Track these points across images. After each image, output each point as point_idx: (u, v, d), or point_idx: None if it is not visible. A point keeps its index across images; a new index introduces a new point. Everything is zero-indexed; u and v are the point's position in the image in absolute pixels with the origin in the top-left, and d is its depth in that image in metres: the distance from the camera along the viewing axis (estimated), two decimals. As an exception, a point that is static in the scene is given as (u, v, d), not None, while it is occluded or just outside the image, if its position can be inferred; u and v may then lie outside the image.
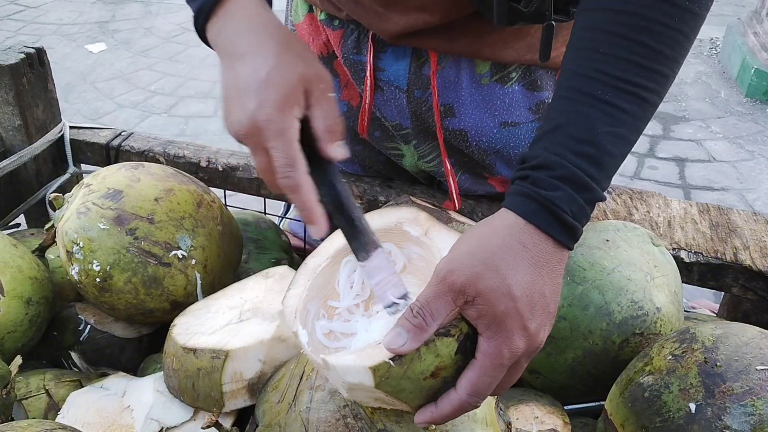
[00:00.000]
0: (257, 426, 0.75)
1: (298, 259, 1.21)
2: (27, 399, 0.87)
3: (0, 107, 1.21)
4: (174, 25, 4.77)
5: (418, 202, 0.99)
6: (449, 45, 0.91)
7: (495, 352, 0.56)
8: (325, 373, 0.63)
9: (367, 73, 0.97)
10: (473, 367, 0.57)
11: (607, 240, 0.87)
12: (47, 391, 0.88)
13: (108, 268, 0.89)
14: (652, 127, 3.47)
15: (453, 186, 1.03)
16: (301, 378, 0.73)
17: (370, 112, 1.01)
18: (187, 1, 0.71)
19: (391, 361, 0.56)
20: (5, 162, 1.18)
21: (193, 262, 0.93)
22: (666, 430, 0.68)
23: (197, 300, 0.93)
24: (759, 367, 0.66)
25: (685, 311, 0.96)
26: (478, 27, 0.89)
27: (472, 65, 0.94)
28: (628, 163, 3.14)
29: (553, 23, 0.78)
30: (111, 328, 1.00)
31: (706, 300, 1.49)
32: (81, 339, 0.99)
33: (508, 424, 0.73)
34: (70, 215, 0.91)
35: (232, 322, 0.83)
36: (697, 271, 1.00)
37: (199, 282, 0.94)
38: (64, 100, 3.45)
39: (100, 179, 0.94)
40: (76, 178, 1.30)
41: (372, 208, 1.13)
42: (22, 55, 1.19)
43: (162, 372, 0.86)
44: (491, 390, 0.58)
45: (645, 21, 0.58)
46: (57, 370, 0.94)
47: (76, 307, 1.02)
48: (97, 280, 0.89)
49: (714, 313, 1.22)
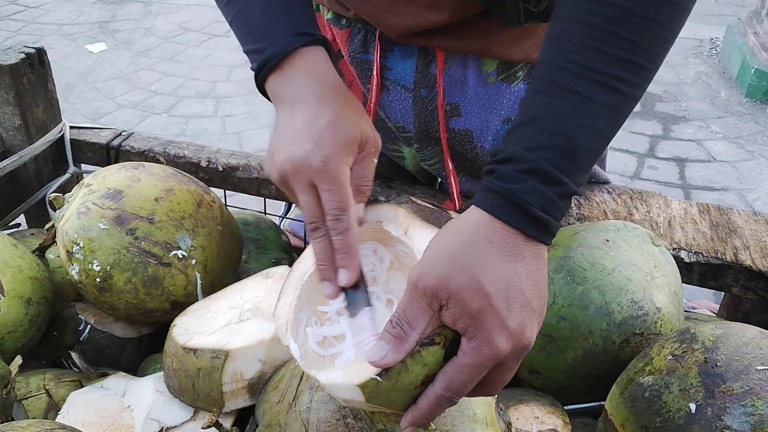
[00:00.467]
0: (257, 426, 0.75)
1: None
2: (27, 399, 0.87)
3: (0, 107, 1.21)
4: (174, 25, 4.77)
5: (418, 202, 0.99)
6: (457, 43, 0.91)
7: (474, 352, 0.54)
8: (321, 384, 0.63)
9: (374, 72, 0.97)
10: (452, 363, 0.56)
11: (607, 240, 0.87)
12: (47, 391, 0.88)
13: (108, 268, 0.89)
14: (652, 127, 3.47)
15: (455, 187, 1.03)
16: (301, 378, 0.73)
17: (376, 111, 1.01)
18: (247, 51, 0.73)
19: (378, 377, 0.55)
20: (5, 162, 1.18)
21: (193, 262, 0.93)
22: (666, 430, 0.68)
23: (197, 300, 0.93)
24: (759, 367, 0.66)
25: (685, 311, 0.96)
26: (486, 26, 0.89)
27: (479, 64, 0.94)
28: (628, 163, 3.14)
29: None
30: (111, 328, 1.00)
31: (706, 300, 1.49)
32: (81, 339, 0.99)
33: (508, 424, 0.73)
34: (70, 215, 0.91)
35: (232, 322, 0.83)
36: (697, 271, 1.00)
37: (199, 282, 0.94)
38: (64, 100, 3.45)
39: (100, 179, 0.94)
40: (76, 178, 1.30)
41: (372, 208, 1.12)
42: (23, 55, 1.19)
43: (162, 372, 0.86)
44: (469, 388, 0.56)
45: (620, 11, 0.56)
46: (57, 370, 0.94)
47: (76, 307, 1.02)
48: (97, 280, 0.89)
49: (714, 313, 1.22)
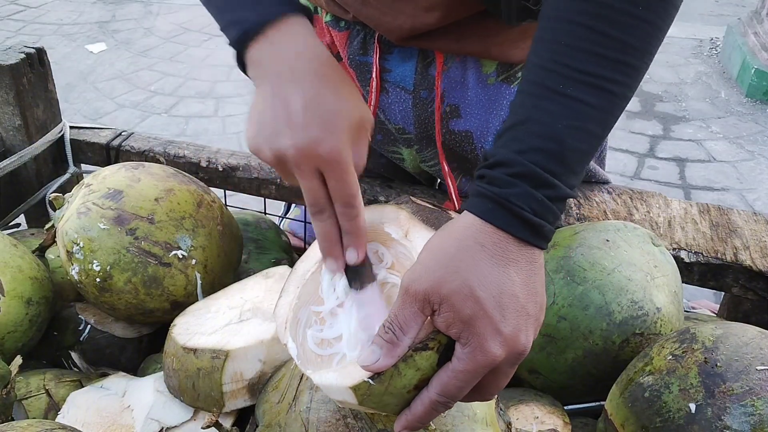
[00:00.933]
0: (257, 426, 0.75)
1: (297, 259, 1.21)
2: (27, 399, 0.87)
3: (0, 107, 1.21)
4: (174, 25, 4.77)
5: (418, 202, 0.99)
6: (457, 45, 0.91)
7: (468, 358, 0.54)
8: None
9: (373, 74, 0.97)
10: (446, 368, 0.56)
11: (607, 240, 0.87)
12: (47, 391, 0.88)
13: (108, 268, 0.89)
14: (652, 127, 3.47)
15: (452, 188, 1.03)
16: (301, 378, 0.73)
17: (375, 114, 1.01)
18: (226, 23, 0.68)
19: (370, 380, 0.55)
20: (5, 162, 1.18)
21: (193, 262, 0.93)
22: (666, 430, 0.68)
23: (197, 300, 0.93)
24: (759, 367, 0.66)
25: (685, 311, 0.96)
26: (485, 27, 0.89)
27: (479, 65, 0.94)
28: (628, 163, 3.14)
29: None
30: (111, 328, 1.00)
31: (706, 300, 1.49)
32: (81, 339, 0.99)
33: (508, 424, 0.73)
34: (70, 215, 0.91)
35: (232, 322, 0.83)
36: (697, 271, 1.00)
37: (199, 282, 0.94)
38: (64, 100, 3.45)
39: (100, 179, 0.94)
40: (77, 178, 1.30)
41: (372, 208, 1.12)
42: (23, 55, 1.19)
43: (162, 372, 0.86)
44: (463, 393, 0.56)
45: (608, 11, 0.55)
46: (57, 370, 0.94)
47: (76, 307, 1.02)
48: (97, 280, 0.89)
49: (714, 313, 1.22)
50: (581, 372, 0.83)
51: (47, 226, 1.02)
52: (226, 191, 1.24)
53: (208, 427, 0.70)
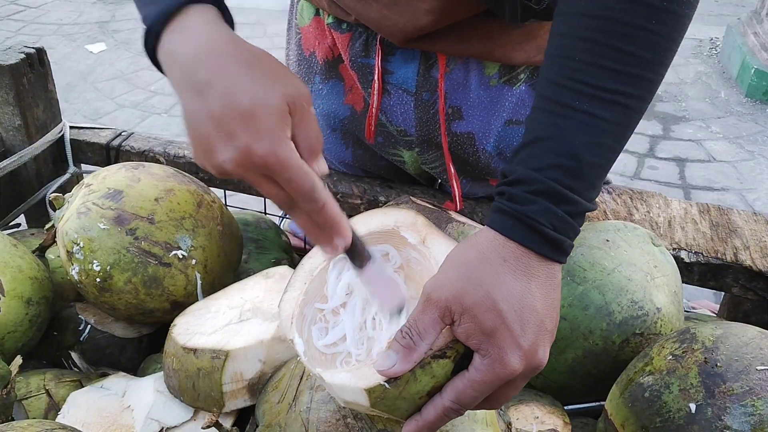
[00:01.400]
0: (257, 426, 0.75)
1: (298, 259, 1.21)
2: (27, 399, 0.87)
3: (0, 107, 1.21)
4: (174, 25, 4.77)
5: (419, 202, 0.99)
6: (459, 47, 0.91)
7: (486, 369, 0.55)
8: (321, 383, 0.63)
9: (375, 77, 0.96)
10: (462, 376, 0.56)
11: (607, 240, 0.87)
12: (47, 391, 0.88)
13: (108, 268, 0.89)
14: (652, 127, 3.47)
15: (457, 191, 1.03)
16: (301, 378, 0.73)
17: (377, 117, 1.01)
18: (142, 20, 0.62)
19: (386, 384, 0.56)
20: (5, 162, 1.18)
21: (194, 262, 0.93)
22: (666, 430, 0.68)
23: (197, 300, 0.93)
24: (759, 367, 0.66)
25: (685, 311, 0.96)
26: (488, 29, 0.89)
27: (481, 67, 0.94)
28: (628, 163, 3.14)
29: None
30: (111, 328, 1.00)
31: (706, 300, 1.49)
32: (81, 339, 0.99)
33: (508, 424, 0.73)
34: (70, 215, 0.91)
35: (232, 322, 0.83)
36: (697, 271, 1.00)
37: (199, 282, 0.94)
38: (64, 100, 3.45)
39: (100, 179, 0.94)
40: (77, 178, 1.30)
41: (372, 208, 1.12)
42: (23, 55, 1.19)
43: (162, 372, 0.86)
44: (476, 402, 0.57)
45: (620, 25, 0.56)
46: (57, 370, 0.94)
47: (76, 307, 1.02)
48: (97, 280, 0.89)
49: (714, 313, 1.22)
50: (581, 372, 0.83)
51: (47, 226, 1.02)
52: (226, 191, 1.24)
53: (208, 427, 0.70)
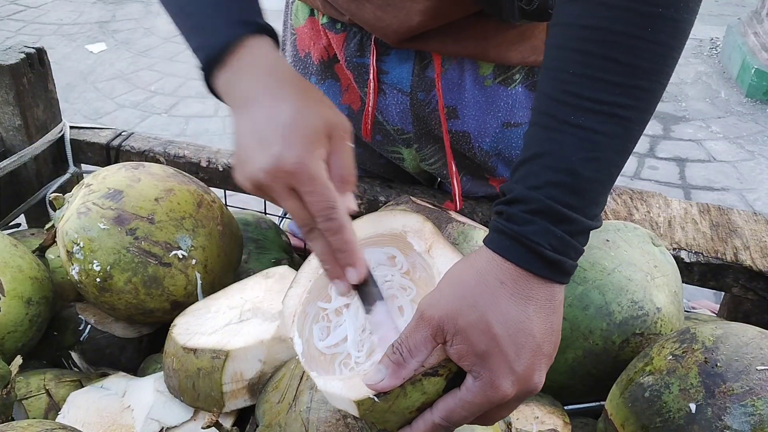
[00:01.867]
0: (257, 426, 0.75)
1: (298, 259, 1.21)
2: (27, 399, 0.87)
3: (0, 107, 1.21)
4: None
5: (418, 201, 0.99)
6: (454, 47, 0.91)
7: (478, 391, 0.54)
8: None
9: (371, 76, 0.97)
10: (454, 395, 0.56)
11: (607, 240, 0.87)
12: (47, 391, 0.88)
13: (108, 268, 0.89)
14: (652, 127, 3.47)
15: (457, 189, 1.02)
16: (301, 378, 0.73)
17: (374, 115, 1.01)
18: (193, 49, 0.66)
19: (375, 397, 0.55)
20: (5, 162, 1.18)
21: (194, 262, 0.93)
22: (666, 430, 0.68)
23: (197, 300, 0.93)
24: (759, 367, 0.66)
25: (685, 311, 0.96)
26: (483, 29, 0.89)
27: (475, 67, 0.94)
28: (628, 163, 3.13)
29: None
30: (111, 328, 1.00)
31: (706, 300, 1.49)
32: (81, 339, 0.99)
33: (508, 425, 0.73)
34: (70, 215, 0.91)
35: (232, 322, 0.83)
36: (697, 271, 1.00)
37: (199, 282, 0.94)
38: (64, 100, 3.45)
39: (100, 179, 0.94)
40: (77, 178, 1.30)
41: (372, 208, 1.13)
42: (23, 55, 1.19)
43: (162, 372, 0.86)
44: (466, 422, 0.56)
45: (614, 35, 0.54)
46: (57, 370, 0.94)
47: (76, 307, 1.02)
48: (98, 280, 0.89)
49: (714, 313, 1.22)
50: (581, 372, 0.83)
51: (47, 226, 1.02)
52: (226, 191, 1.24)
53: (208, 427, 0.70)
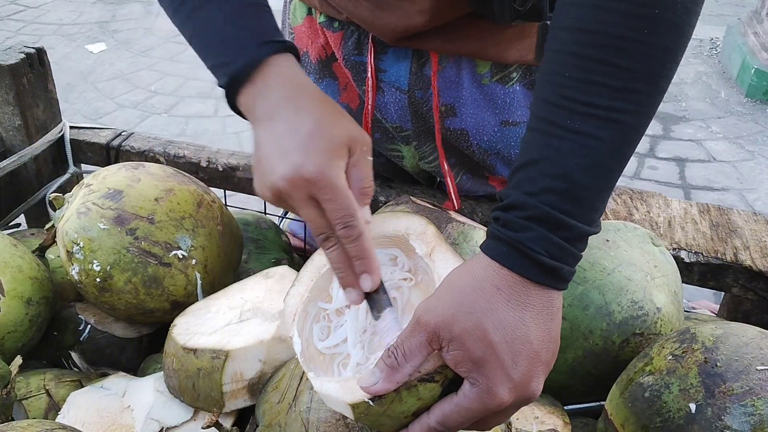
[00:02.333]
0: (257, 426, 0.75)
1: (298, 259, 1.21)
2: (27, 399, 0.87)
3: (0, 107, 1.21)
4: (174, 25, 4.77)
5: (418, 201, 0.99)
6: (452, 46, 0.91)
7: (475, 398, 0.54)
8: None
9: (369, 74, 0.97)
10: (450, 400, 0.55)
11: (607, 240, 0.87)
12: (47, 391, 0.88)
13: (108, 268, 0.89)
14: (652, 126, 3.47)
15: (451, 187, 1.03)
16: (301, 378, 0.73)
17: (372, 113, 1.01)
18: (212, 66, 0.69)
19: (370, 401, 0.55)
20: (5, 162, 1.18)
21: (194, 262, 0.93)
22: (666, 430, 0.68)
23: (197, 300, 0.93)
24: (759, 367, 0.66)
25: (685, 311, 0.96)
26: (481, 28, 0.89)
27: (473, 65, 0.94)
28: (629, 163, 3.13)
29: (548, 23, 0.78)
30: (111, 328, 1.00)
31: (706, 300, 1.49)
32: (81, 339, 0.99)
33: (508, 424, 0.73)
34: (70, 215, 0.91)
35: (232, 322, 0.83)
36: (697, 271, 1.00)
37: (199, 282, 0.94)
38: (64, 100, 3.45)
39: (100, 179, 0.94)
40: (77, 178, 1.30)
41: (372, 208, 1.12)
42: (23, 55, 1.19)
43: (162, 372, 0.86)
44: (462, 427, 0.56)
45: (611, 39, 0.53)
46: (57, 370, 0.94)
47: (76, 307, 1.02)
48: (98, 280, 0.89)
49: (714, 313, 1.21)
50: (581, 372, 0.83)
51: (47, 226, 1.02)
52: (226, 191, 1.24)
53: (208, 427, 0.70)
